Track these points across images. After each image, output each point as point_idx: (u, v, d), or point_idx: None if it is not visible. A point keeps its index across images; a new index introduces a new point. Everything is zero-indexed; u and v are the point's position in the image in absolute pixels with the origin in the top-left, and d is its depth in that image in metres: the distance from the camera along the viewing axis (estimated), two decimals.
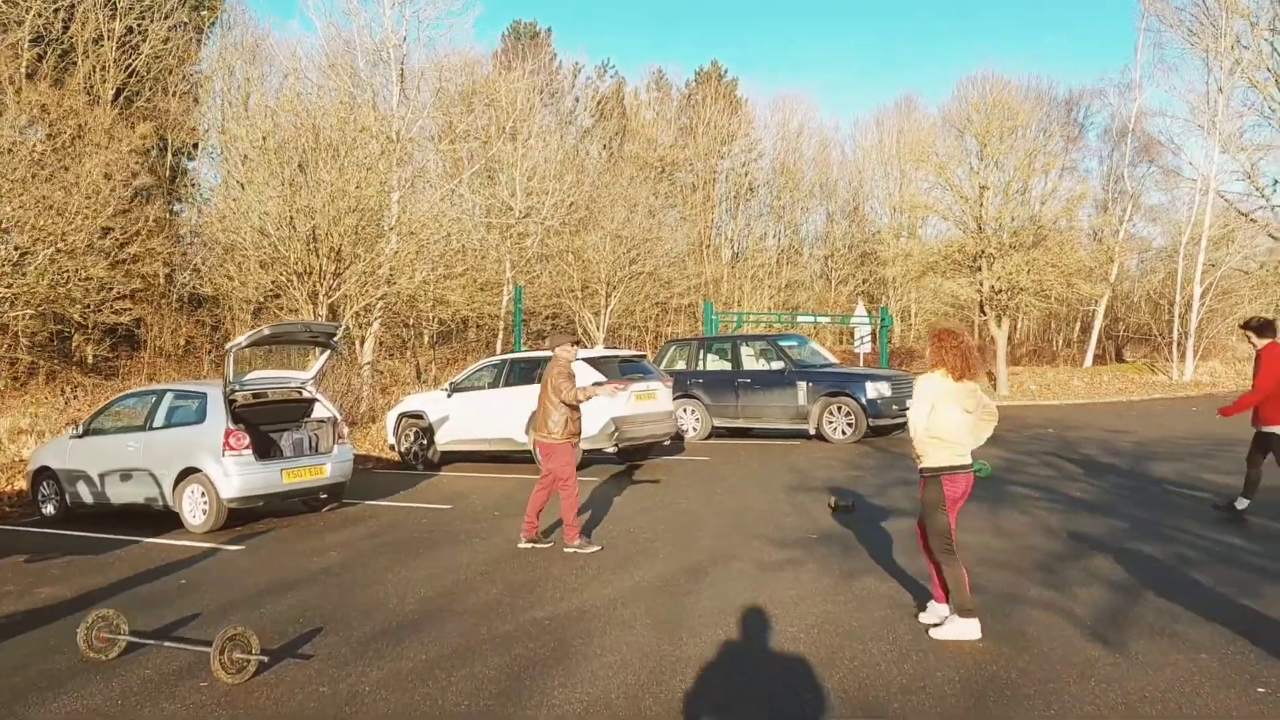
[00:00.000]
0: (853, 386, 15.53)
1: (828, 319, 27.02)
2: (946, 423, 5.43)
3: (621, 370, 13.40)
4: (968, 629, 5.30)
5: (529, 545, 8.29)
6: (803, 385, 15.86)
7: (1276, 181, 33.95)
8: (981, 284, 26.08)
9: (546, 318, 30.15)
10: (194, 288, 22.09)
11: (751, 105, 51.21)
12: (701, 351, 17.53)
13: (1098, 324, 31.56)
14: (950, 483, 5.48)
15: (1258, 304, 31.06)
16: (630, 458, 13.84)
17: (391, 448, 15.06)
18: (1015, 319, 31.39)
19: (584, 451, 13.03)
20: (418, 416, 14.63)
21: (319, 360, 10.90)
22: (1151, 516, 8.67)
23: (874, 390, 15.36)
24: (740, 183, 47.85)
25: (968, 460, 5.53)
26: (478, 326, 34.34)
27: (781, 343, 16.82)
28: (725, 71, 50.92)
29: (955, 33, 75.90)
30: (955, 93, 40.26)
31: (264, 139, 14.81)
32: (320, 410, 10.76)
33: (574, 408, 8.20)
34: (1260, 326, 8.36)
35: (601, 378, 12.82)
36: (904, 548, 7.58)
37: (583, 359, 13.21)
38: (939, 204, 27.72)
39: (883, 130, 50.59)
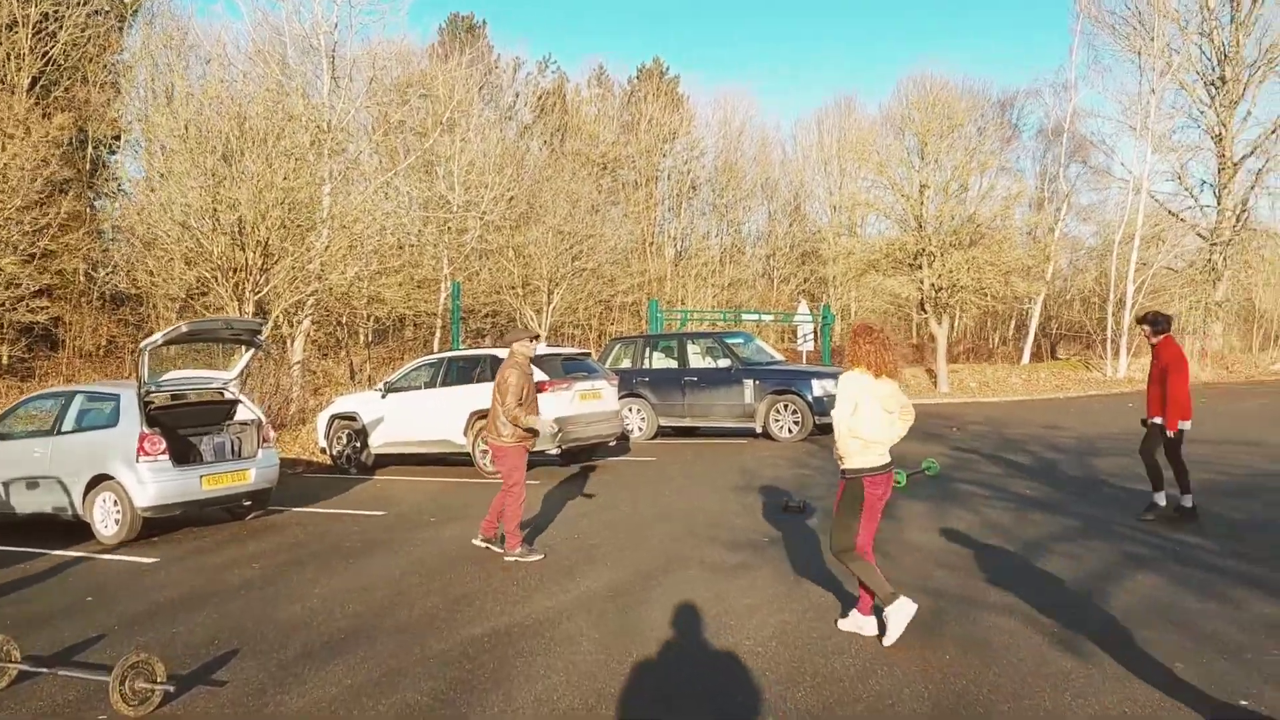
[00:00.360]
0: (799, 384, 15.33)
1: (771, 317, 26.90)
2: (868, 422, 5.23)
3: (565, 369, 13.00)
4: (902, 613, 5.11)
5: (483, 545, 7.90)
6: (749, 383, 15.61)
7: (1204, 182, 34.95)
8: (922, 282, 26.19)
9: (486, 316, 29.57)
10: (115, 285, 21.08)
11: (693, 103, 51.13)
12: (647, 349, 17.19)
13: (1034, 322, 31.98)
14: (872, 484, 5.31)
15: (1186, 302, 31.74)
16: (575, 459, 13.45)
17: (323, 451, 14.45)
18: (954, 317, 31.65)
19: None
20: (350, 418, 14.05)
21: (242, 359, 10.30)
22: (1103, 514, 8.55)
23: (820, 388, 15.16)
24: (683, 181, 47.70)
25: (888, 459, 5.36)
26: (415, 325, 33.61)
27: (728, 340, 16.56)
28: (667, 69, 50.83)
29: (894, 32, 76.79)
30: (896, 92, 40.69)
31: (185, 128, 14.03)
32: (244, 412, 10.17)
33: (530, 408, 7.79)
34: (1156, 320, 8.26)
35: (543, 376, 12.43)
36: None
37: None
38: (880, 202, 27.78)
39: (823, 130, 50.80)
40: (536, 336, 8.05)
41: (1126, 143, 65.54)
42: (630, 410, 16.36)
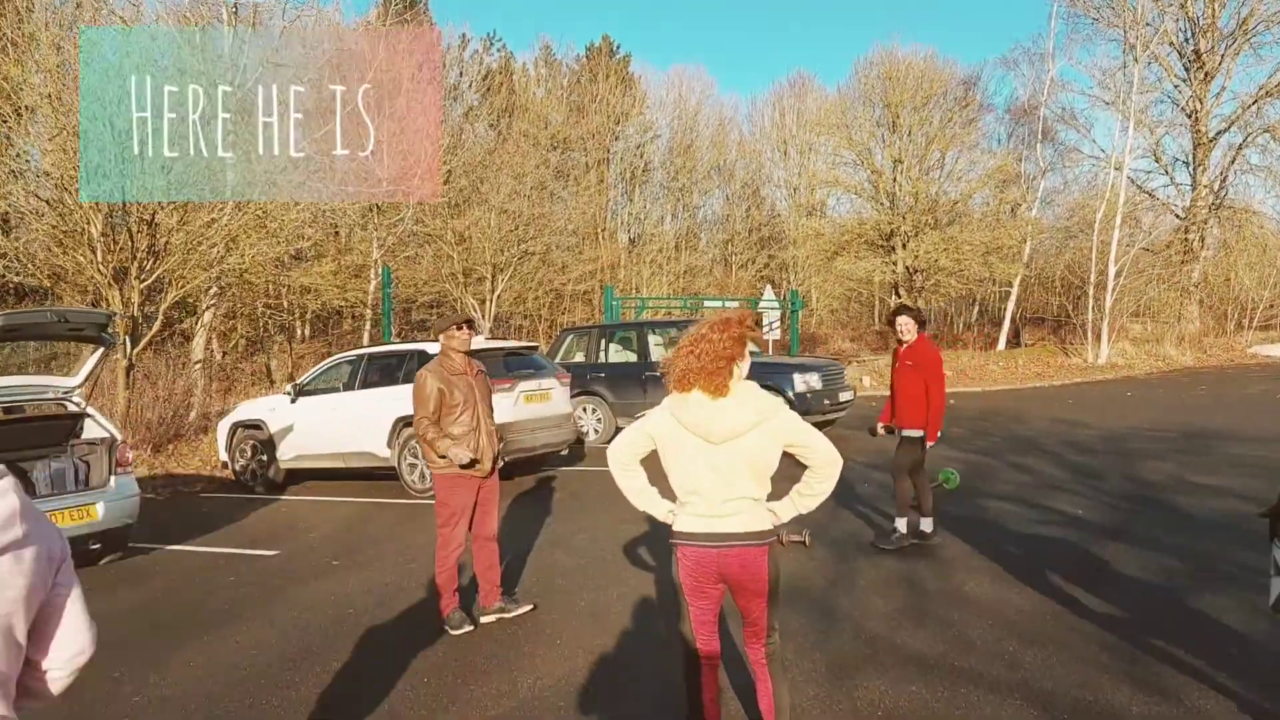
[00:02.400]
0: (779, 379, 13.37)
1: (736, 303, 24.95)
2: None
3: (507, 366, 10.94)
4: None
5: (492, 617, 5.70)
6: None
7: (1179, 160, 33.75)
8: (896, 264, 24.47)
9: (425, 305, 27.29)
10: None
11: (646, 83, 49.03)
12: (604, 341, 15.14)
13: (1011, 305, 30.49)
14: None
15: (1165, 285, 30.48)
16: (517, 471, 11.39)
17: (224, 465, 12.22)
18: (929, 301, 29.98)
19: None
20: (255, 427, 11.85)
21: (89, 361, 8.07)
22: (1194, 543, 6.72)
23: (803, 383, 13.26)
24: (636, 164, 45.67)
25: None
26: (353, 317, 31.21)
27: None
28: (617, 47, 48.63)
29: (853, 12, 75.23)
30: (855, 72, 38.93)
31: (48, 77, 11.67)
32: (92, 429, 7.97)
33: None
34: (918, 316, 7.09)
35: None
36: (895, 608, 5.39)
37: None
38: (850, 179, 25.98)
39: (781, 110, 49.09)
40: (469, 323, 5.77)
41: (1103, 119, 64.50)
42: (584, 410, 14.36)
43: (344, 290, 25.43)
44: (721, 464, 3.35)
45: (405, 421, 10.62)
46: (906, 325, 6.96)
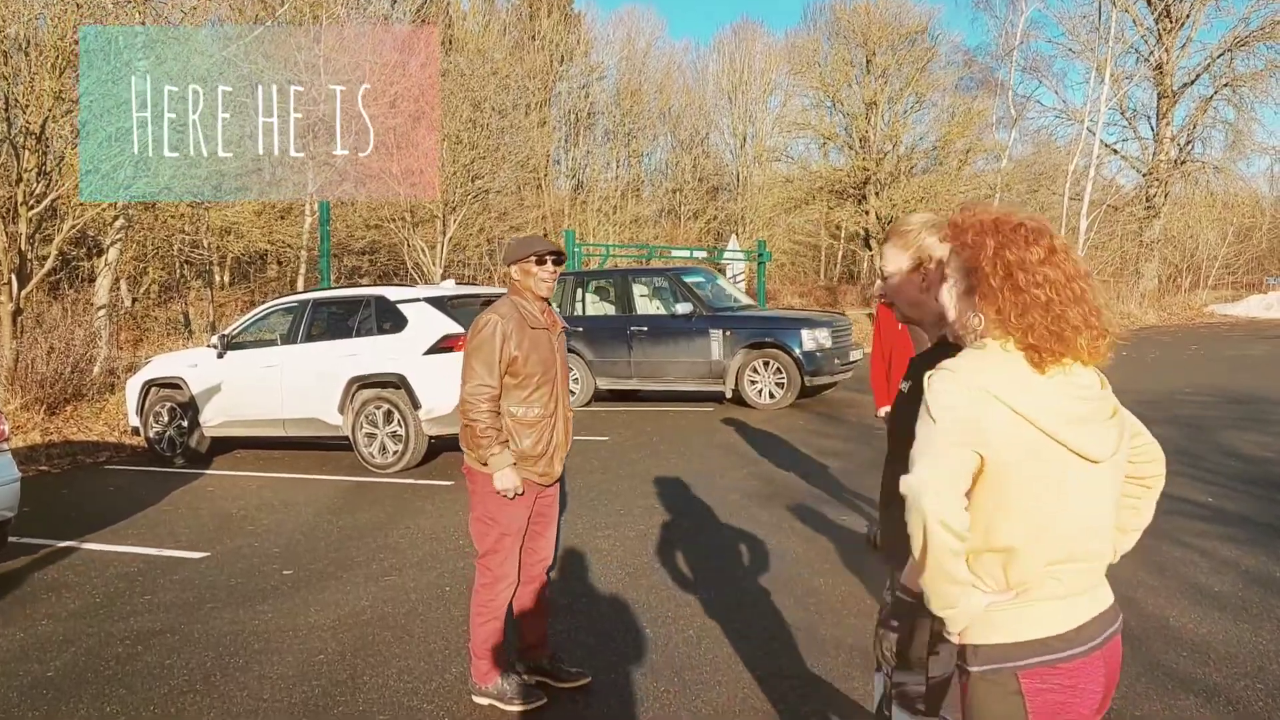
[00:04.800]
0: (784, 335, 11.83)
1: (704, 253, 23.29)
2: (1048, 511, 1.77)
3: None
4: None
5: (530, 678, 3.87)
6: (718, 334, 12.04)
7: (1142, 114, 32.97)
8: (869, 214, 23.07)
9: (363, 252, 25.03)
10: None
11: (590, 21, 46.63)
12: (580, 291, 13.38)
13: None
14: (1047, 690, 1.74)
15: (1132, 242, 29.81)
16: None
17: (135, 432, 10.21)
18: None
19: (433, 439, 8.79)
20: (173, 386, 9.85)
21: None
22: None
23: (811, 340, 11.73)
24: (580, 107, 43.47)
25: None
26: (280, 262, 28.66)
27: (686, 279, 12.87)
28: None
29: None
30: (805, 17, 37.25)
31: None
32: None
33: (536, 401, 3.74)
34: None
35: (457, 328, 8.58)
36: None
37: (426, 299, 8.90)
38: (821, 124, 24.42)
39: (729, 56, 47.23)
40: (557, 255, 3.71)
41: (1070, 71, 63.57)
42: None
43: (269, 232, 23.03)
44: (1109, 498, 1.80)
45: (361, 382, 8.80)
46: (880, 295, 5.37)
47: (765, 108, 40.67)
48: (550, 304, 3.86)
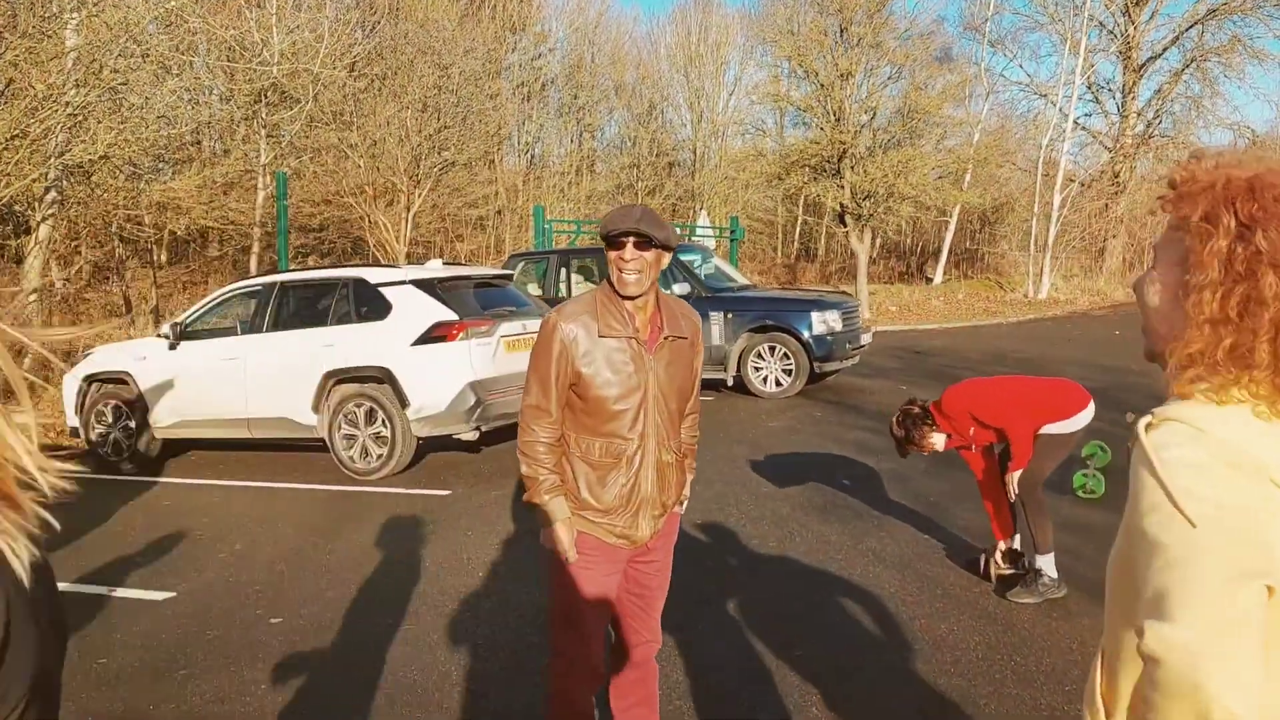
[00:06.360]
0: (792, 318, 10.95)
1: (678, 229, 22.32)
2: None
3: (480, 301, 8.12)
4: None
5: None
6: (718, 317, 11.11)
7: (1108, 89, 32.67)
8: (844, 188, 22.30)
9: (316, 231, 23.57)
10: None
11: None
12: (563, 270, 12.35)
13: (949, 237, 28.95)
14: None
15: (1100, 218, 29.51)
16: (484, 441, 8.59)
17: (74, 434, 9.00)
18: (877, 231, 28.16)
19: (420, 440, 7.77)
20: (118, 381, 8.68)
21: None
22: None
23: (822, 323, 10.87)
24: (533, 79, 42.08)
25: None
26: (222, 240, 27.05)
27: (682, 257, 11.91)
28: None
29: None
30: None
31: None
32: None
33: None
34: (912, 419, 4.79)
35: (449, 314, 7.58)
36: None
37: (412, 281, 7.85)
38: (795, 94, 23.57)
39: (686, 28, 46.26)
40: (636, 237, 2.61)
41: (1035, 44, 63.03)
42: None
43: (212, 207, 21.53)
44: None
45: (339, 377, 7.74)
46: (928, 439, 4.66)
47: (722, 82, 39.91)
48: (660, 301, 2.83)
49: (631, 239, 2.61)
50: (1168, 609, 1.00)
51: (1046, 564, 4.49)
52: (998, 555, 4.71)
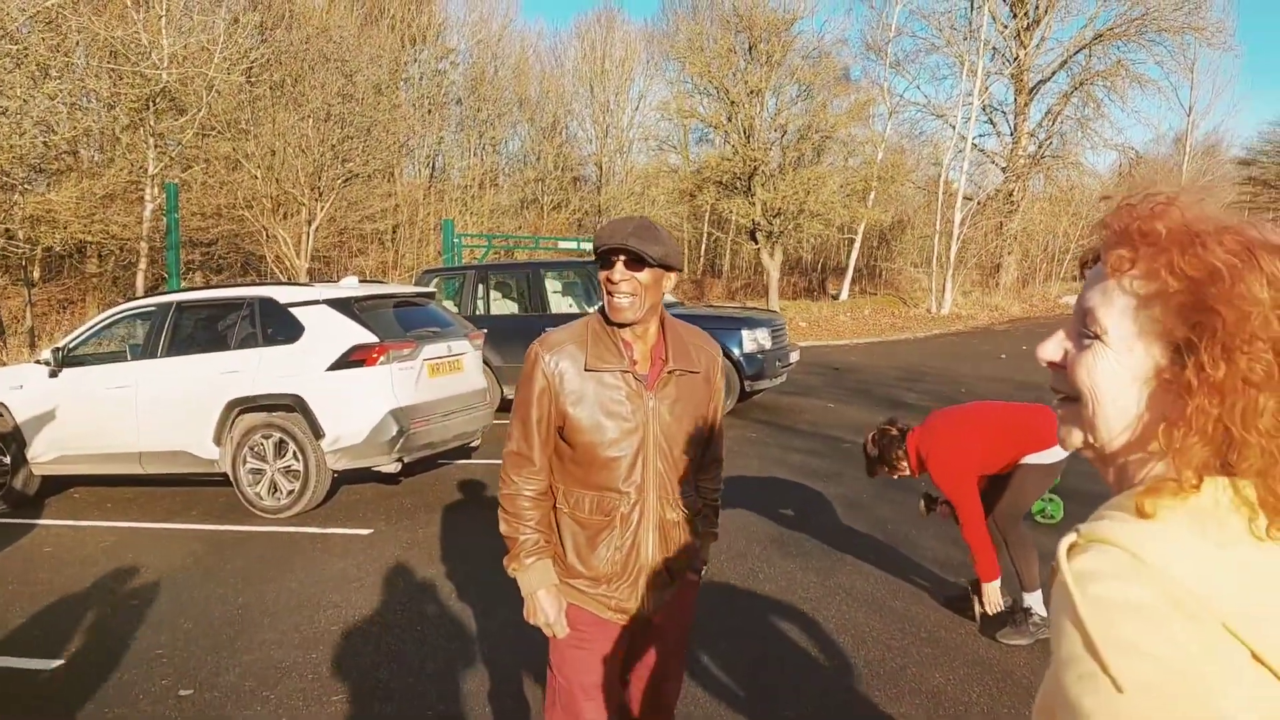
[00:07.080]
0: (722, 336, 10.66)
1: (577, 245, 21.81)
2: None
3: (401, 321, 7.55)
4: None
5: None
6: None
7: (998, 110, 33.77)
8: (755, 205, 22.32)
9: (205, 246, 22.35)
10: None
11: (443, 1, 44.29)
12: (480, 288, 11.80)
13: (855, 254, 29.33)
14: None
15: (993, 236, 30.40)
16: (405, 472, 8.01)
17: None
18: (786, 248, 28.27)
19: (335, 473, 7.16)
20: None
21: None
22: None
23: (752, 341, 10.62)
24: (434, 92, 41.22)
25: None
26: (99, 256, 25.45)
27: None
28: None
29: None
30: (664, 6, 36.51)
31: None
32: None
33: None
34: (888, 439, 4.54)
35: (368, 336, 7.01)
36: None
37: (326, 300, 7.24)
38: (707, 110, 23.53)
39: (589, 43, 46.08)
40: (626, 254, 2.17)
41: (932, 66, 64.84)
42: None
43: (92, 220, 20.17)
44: None
45: (245, 405, 7.07)
46: (902, 463, 4.43)
47: (627, 97, 39.89)
48: (665, 328, 2.40)
49: (622, 257, 2.19)
50: None
51: (1035, 601, 4.24)
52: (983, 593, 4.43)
